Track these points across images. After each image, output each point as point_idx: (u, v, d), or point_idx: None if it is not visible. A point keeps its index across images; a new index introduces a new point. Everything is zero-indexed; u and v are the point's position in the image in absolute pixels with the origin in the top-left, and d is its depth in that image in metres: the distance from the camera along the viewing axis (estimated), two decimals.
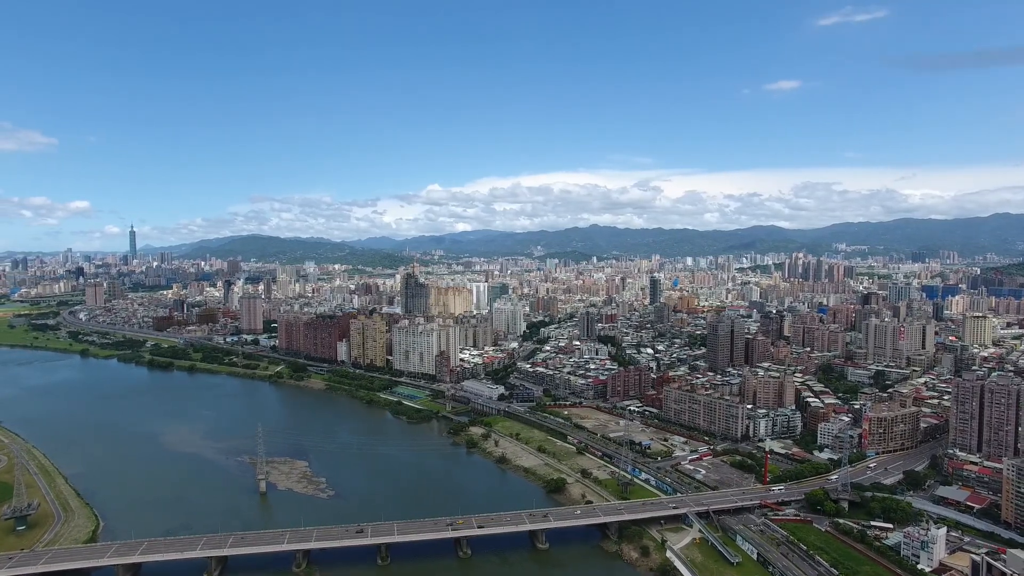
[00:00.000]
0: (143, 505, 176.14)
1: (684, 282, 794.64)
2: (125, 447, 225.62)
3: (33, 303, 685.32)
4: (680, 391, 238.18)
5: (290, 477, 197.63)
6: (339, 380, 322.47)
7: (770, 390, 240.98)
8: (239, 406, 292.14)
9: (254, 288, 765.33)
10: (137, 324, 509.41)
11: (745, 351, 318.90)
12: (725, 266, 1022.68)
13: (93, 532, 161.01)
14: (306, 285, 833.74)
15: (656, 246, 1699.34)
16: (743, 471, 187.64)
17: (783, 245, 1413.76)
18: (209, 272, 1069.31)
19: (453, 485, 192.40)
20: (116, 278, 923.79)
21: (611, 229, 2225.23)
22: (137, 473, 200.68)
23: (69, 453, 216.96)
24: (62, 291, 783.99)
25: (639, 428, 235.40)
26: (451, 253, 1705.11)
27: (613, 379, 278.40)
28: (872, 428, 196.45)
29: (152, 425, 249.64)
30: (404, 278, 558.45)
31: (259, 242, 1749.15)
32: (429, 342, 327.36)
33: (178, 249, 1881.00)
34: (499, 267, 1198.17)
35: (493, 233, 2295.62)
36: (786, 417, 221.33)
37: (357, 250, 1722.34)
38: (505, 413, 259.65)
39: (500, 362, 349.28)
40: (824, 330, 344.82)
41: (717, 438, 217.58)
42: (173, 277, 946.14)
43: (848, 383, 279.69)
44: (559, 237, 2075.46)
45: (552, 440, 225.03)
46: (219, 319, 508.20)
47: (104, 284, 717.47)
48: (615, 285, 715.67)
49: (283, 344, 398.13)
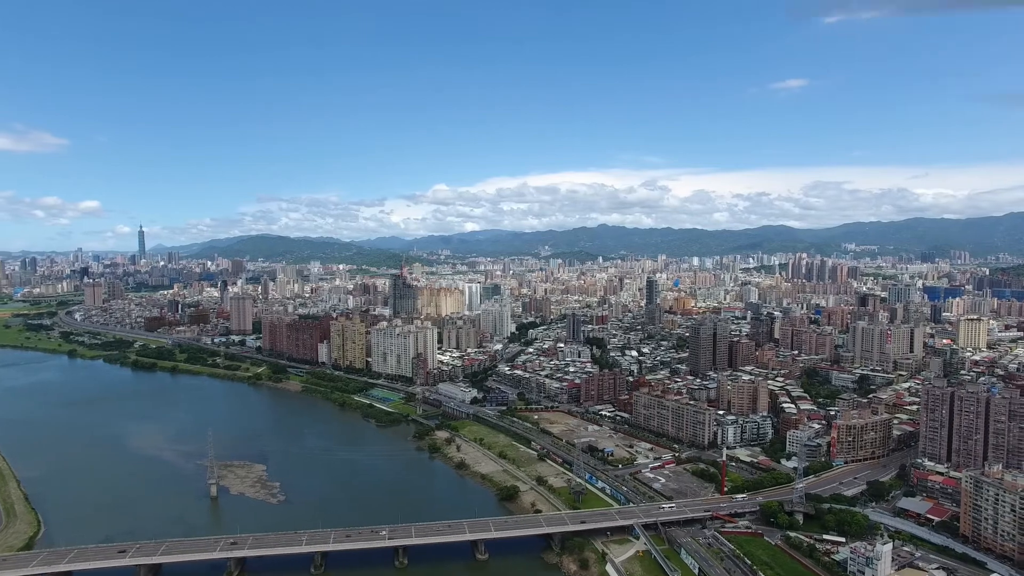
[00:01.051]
0: (90, 510, 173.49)
1: (686, 283, 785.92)
2: (87, 450, 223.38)
3: (34, 303, 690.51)
4: (649, 396, 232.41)
5: (245, 481, 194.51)
6: (316, 382, 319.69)
7: (744, 395, 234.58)
8: (211, 408, 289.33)
9: (254, 288, 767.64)
10: (130, 324, 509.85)
11: (729, 354, 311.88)
12: (730, 266, 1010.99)
13: (31, 538, 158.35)
14: (305, 285, 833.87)
15: (664, 246, 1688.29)
16: (704, 480, 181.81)
17: (792, 245, 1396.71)
18: (213, 272, 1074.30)
19: (406, 491, 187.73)
20: (122, 278, 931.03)
21: (619, 229, 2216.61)
22: (92, 477, 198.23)
23: (28, 456, 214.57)
24: (64, 291, 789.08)
25: (607, 434, 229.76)
26: (458, 253, 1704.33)
27: (587, 383, 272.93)
28: (841, 436, 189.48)
29: (119, 427, 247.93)
30: (392, 279, 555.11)
31: (268, 242, 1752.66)
32: (406, 344, 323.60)
33: (188, 249, 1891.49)
34: (502, 267, 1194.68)
35: (502, 233, 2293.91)
36: (755, 424, 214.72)
37: (365, 250, 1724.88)
38: (475, 417, 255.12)
39: (480, 364, 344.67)
40: (812, 333, 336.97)
41: (684, 445, 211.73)
42: (177, 277, 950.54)
43: (831, 388, 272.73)
44: (567, 237, 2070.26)
45: (516, 445, 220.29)
46: (211, 320, 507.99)
47: (103, 284, 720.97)
48: (613, 286, 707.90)
49: (267, 345, 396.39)
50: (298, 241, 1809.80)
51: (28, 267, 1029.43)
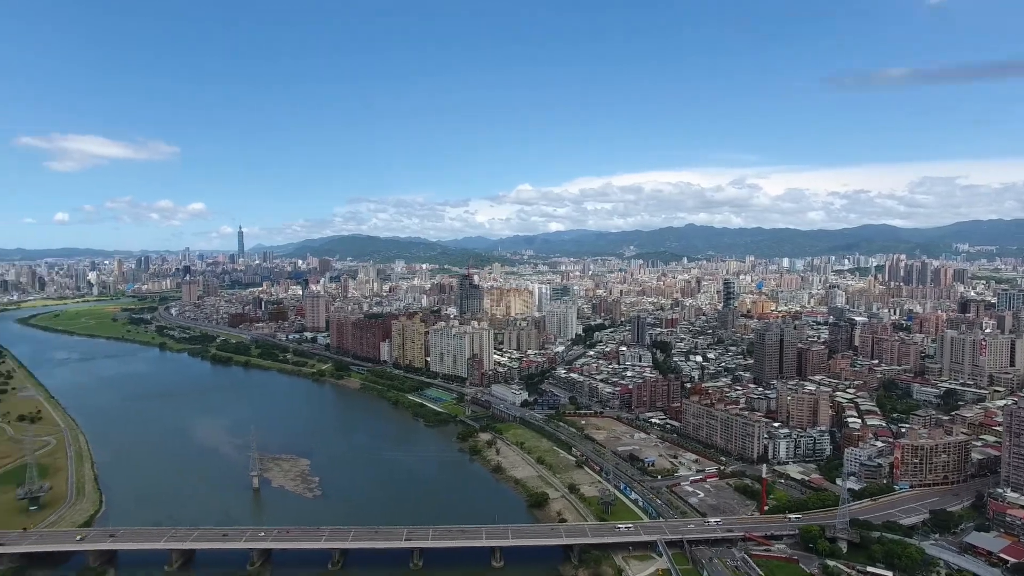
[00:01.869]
0: (145, 495, 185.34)
1: (770, 285, 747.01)
2: (154, 438, 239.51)
3: (141, 299, 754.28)
4: (698, 405, 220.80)
5: (288, 475, 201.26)
6: (374, 380, 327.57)
7: (803, 407, 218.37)
8: (271, 403, 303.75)
9: (336, 286, 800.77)
10: (216, 320, 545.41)
11: (798, 362, 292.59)
12: (820, 268, 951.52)
13: (91, 516, 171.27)
14: (385, 284, 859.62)
15: (753, 246, 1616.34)
16: (747, 497, 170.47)
17: (894, 246, 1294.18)
18: (303, 271, 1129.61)
19: (438, 492, 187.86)
20: (219, 276, 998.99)
21: (707, 229, 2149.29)
22: (153, 464, 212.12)
23: (104, 441, 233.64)
24: (167, 288, 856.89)
25: (653, 443, 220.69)
26: (541, 253, 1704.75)
27: (639, 388, 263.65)
28: (905, 457, 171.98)
29: (186, 418, 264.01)
30: (459, 279, 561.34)
31: (358, 241, 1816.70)
32: (461, 344, 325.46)
33: (284, 248, 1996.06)
34: (582, 268, 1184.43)
35: (587, 233, 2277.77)
36: (811, 439, 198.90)
37: (450, 250, 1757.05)
38: (521, 420, 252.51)
39: (538, 366, 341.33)
40: (895, 341, 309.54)
41: (732, 458, 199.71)
42: (268, 275, 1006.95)
43: (911, 402, 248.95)
44: (653, 237, 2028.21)
45: (556, 451, 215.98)
46: (289, 317, 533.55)
47: (199, 282, 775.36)
48: (691, 288, 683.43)
49: (334, 343, 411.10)
50: (387, 241, 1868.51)
51: (142, 265, 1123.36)
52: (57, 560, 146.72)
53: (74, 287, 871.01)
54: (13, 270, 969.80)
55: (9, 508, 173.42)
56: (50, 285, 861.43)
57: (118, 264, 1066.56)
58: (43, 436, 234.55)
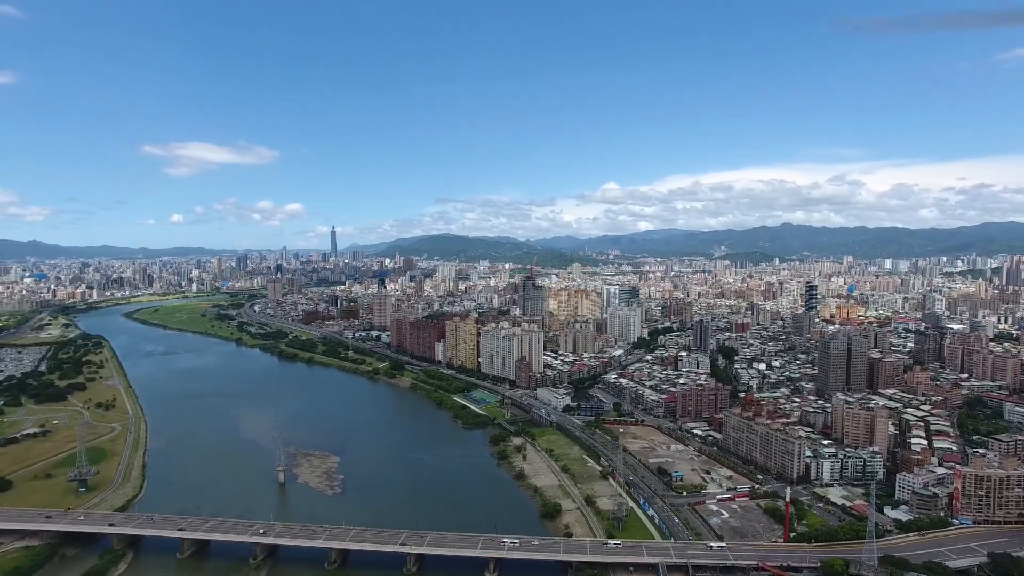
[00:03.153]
0: (181, 483, 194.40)
1: (864, 288, 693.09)
2: (204, 429, 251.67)
3: (233, 295, 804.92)
4: (739, 417, 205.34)
5: (315, 471, 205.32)
6: (424, 380, 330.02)
7: (859, 424, 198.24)
8: (323, 398, 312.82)
9: (413, 285, 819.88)
10: (293, 317, 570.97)
11: (869, 374, 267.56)
12: (927, 270, 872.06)
13: (129, 501, 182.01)
14: (461, 283, 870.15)
15: (855, 246, 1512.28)
16: (775, 520, 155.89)
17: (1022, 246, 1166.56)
18: (388, 269, 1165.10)
19: (455, 497, 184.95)
20: (309, 274, 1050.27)
21: (805, 228, 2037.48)
22: (197, 453, 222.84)
23: (162, 429, 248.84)
24: (258, 285, 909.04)
25: (688, 456, 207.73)
26: (627, 253, 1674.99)
27: (684, 397, 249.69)
28: (967, 487, 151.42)
29: (239, 411, 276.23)
30: (522, 280, 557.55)
31: (446, 241, 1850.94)
32: (510, 346, 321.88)
33: (376, 247, 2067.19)
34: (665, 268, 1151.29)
35: (677, 232, 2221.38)
36: (860, 460, 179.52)
37: (537, 249, 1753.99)
38: (557, 426, 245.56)
39: (590, 370, 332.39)
40: (988, 353, 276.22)
41: (771, 476, 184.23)
42: (354, 274, 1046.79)
43: (1000, 424, 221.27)
44: (745, 237, 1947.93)
45: (585, 460, 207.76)
46: (360, 315, 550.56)
47: (284, 280, 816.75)
48: (772, 290, 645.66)
49: (394, 341, 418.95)
50: (475, 240, 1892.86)
51: (240, 264, 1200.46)
52: (90, 540, 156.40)
53: (177, 284, 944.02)
54: (131, 268, 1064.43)
55: (64, 488, 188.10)
56: (157, 282, 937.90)
57: (218, 262, 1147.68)
58: (111, 423, 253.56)
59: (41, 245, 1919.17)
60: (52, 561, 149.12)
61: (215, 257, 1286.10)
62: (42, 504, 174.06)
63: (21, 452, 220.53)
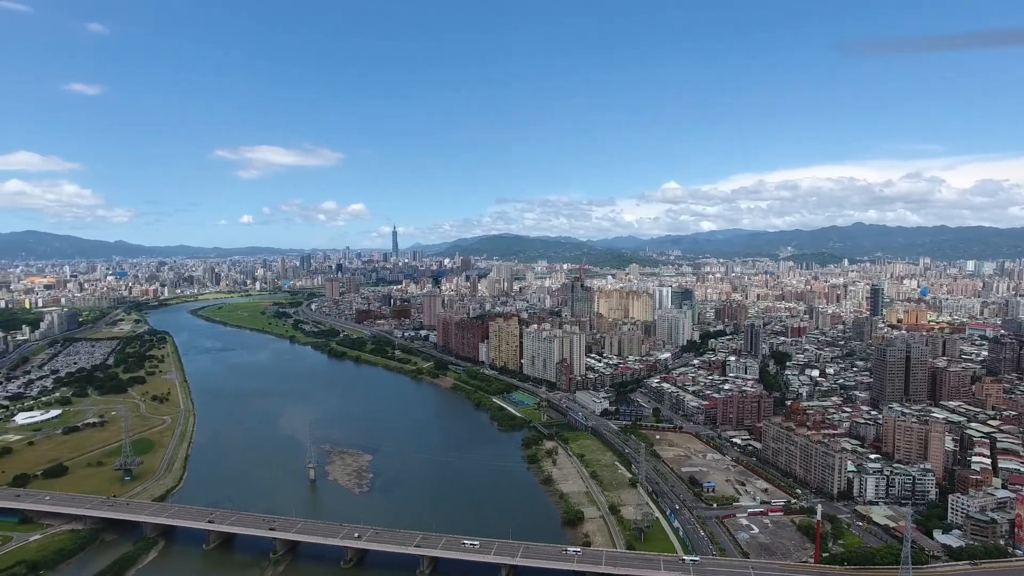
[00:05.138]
0: (217, 476, 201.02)
1: (940, 291, 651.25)
2: (250, 423, 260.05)
3: (294, 294, 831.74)
4: (778, 427, 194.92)
5: (346, 469, 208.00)
6: (465, 380, 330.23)
7: (911, 438, 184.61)
8: (365, 397, 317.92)
9: (467, 285, 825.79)
10: (347, 316, 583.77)
11: (931, 384, 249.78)
12: (1016, 272, 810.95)
13: (167, 491, 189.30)
14: (515, 284, 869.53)
15: (933, 247, 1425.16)
16: (810, 539, 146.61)
17: None
18: (446, 269, 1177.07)
19: (479, 499, 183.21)
20: (367, 274, 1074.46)
21: (878, 228, 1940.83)
22: (236, 447, 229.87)
23: (210, 423, 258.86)
24: (317, 284, 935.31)
25: (724, 465, 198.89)
26: (689, 253, 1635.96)
27: (724, 404, 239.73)
28: None
29: (282, 407, 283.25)
30: (570, 281, 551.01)
31: (506, 241, 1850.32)
32: (551, 348, 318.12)
33: (438, 248, 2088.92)
34: (725, 269, 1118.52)
35: (741, 233, 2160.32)
36: (909, 477, 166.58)
37: (597, 249, 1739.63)
38: (592, 430, 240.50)
39: (633, 374, 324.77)
40: None
41: (810, 491, 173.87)
42: (412, 273, 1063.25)
43: None
44: (813, 237, 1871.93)
45: (616, 466, 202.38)
46: (412, 314, 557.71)
47: (341, 279, 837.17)
48: (836, 293, 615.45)
49: (440, 341, 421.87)
50: (535, 240, 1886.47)
51: (303, 263, 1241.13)
52: (128, 527, 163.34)
53: (241, 283, 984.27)
54: (201, 267, 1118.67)
55: (111, 476, 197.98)
56: (223, 280, 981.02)
57: (282, 261, 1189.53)
58: (163, 416, 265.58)
59: (126, 245, 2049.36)
60: (93, 545, 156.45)
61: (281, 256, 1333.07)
62: (91, 490, 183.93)
63: (80, 440, 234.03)
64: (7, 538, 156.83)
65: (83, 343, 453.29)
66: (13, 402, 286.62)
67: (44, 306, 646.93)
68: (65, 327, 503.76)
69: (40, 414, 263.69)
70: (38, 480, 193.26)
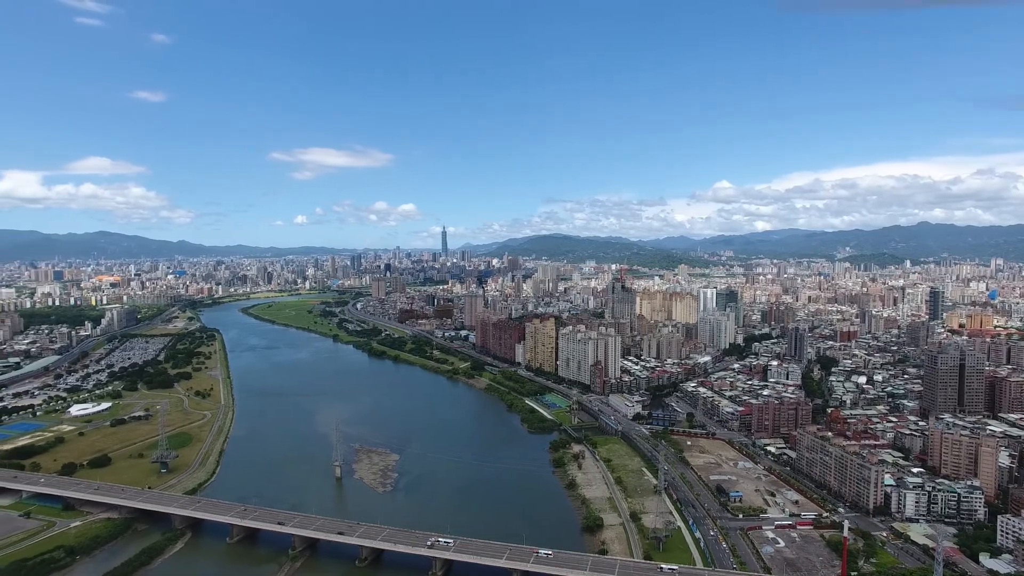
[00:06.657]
0: (247, 471, 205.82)
1: (1010, 295, 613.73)
2: (286, 420, 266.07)
3: (341, 293, 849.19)
4: (813, 437, 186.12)
5: (372, 468, 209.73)
6: (500, 381, 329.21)
7: (959, 452, 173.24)
8: (400, 396, 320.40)
9: (512, 285, 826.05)
10: (390, 316, 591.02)
11: (988, 394, 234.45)
12: None
13: (200, 484, 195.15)
14: (561, 284, 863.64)
15: (1008, 248, 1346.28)
16: (838, 555, 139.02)
17: None
18: (494, 269, 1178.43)
19: (500, 502, 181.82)
20: (416, 273, 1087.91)
21: (946, 227, 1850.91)
22: (269, 444, 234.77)
23: (247, 418, 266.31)
24: (365, 284, 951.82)
25: (756, 474, 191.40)
26: (742, 254, 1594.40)
27: (759, 410, 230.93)
28: None
29: (317, 405, 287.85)
30: (611, 282, 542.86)
31: (555, 241, 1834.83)
32: (585, 350, 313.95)
33: (488, 248, 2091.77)
34: (778, 270, 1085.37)
35: (798, 233, 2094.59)
36: (954, 494, 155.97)
37: (647, 250, 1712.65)
38: (623, 435, 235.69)
39: (669, 377, 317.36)
40: None
41: (844, 504, 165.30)
42: (459, 274, 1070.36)
43: None
44: (874, 237, 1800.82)
45: (642, 472, 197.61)
46: (453, 314, 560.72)
47: (387, 279, 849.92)
48: (893, 296, 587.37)
49: (479, 342, 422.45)
50: (584, 240, 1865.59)
51: (354, 263, 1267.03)
52: (160, 518, 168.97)
53: (292, 282, 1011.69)
54: (254, 266, 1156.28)
55: (148, 468, 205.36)
56: (275, 280, 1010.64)
57: (332, 261, 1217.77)
58: (204, 411, 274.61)
59: (188, 245, 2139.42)
60: (125, 534, 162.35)
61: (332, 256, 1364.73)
62: (128, 481, 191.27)
63: (125, 433, 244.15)
64: (51, 523, 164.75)
65: (139, 339, 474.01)
66: (70, 394, 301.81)
67: (108, 303, 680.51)
68: (124, 323, 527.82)
69: (92, 406, 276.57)
70: (84, 469, 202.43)
